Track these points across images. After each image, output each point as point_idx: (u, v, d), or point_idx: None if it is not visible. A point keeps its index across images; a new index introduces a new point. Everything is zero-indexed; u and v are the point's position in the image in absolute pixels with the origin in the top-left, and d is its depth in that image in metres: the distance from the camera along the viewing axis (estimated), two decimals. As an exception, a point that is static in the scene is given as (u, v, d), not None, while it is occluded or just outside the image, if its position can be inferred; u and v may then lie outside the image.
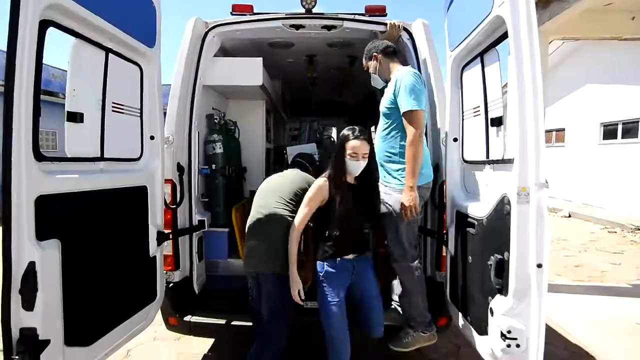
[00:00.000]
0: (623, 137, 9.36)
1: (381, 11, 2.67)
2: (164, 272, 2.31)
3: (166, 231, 2.30)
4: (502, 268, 1.54)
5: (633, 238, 7.06)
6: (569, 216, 9.30)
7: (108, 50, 1.80)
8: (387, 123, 2.30)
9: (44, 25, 1.39)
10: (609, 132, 9.80)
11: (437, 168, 2.47)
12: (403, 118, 2.14)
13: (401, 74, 2.20)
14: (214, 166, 2.95)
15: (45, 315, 1.40)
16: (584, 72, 10.30)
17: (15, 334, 1.34)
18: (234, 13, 2.68)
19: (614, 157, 9.46)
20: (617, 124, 9.47)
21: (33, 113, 1.36)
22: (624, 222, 7.79)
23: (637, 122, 8.87)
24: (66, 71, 1.68)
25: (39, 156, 1.42)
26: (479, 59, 1.90)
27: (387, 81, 2.37)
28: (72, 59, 1.63)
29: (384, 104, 2.30)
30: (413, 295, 2.25)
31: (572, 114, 10.86)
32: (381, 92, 2.45)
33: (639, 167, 8.61)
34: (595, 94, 10.01)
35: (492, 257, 1.62)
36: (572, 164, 10.76)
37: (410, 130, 2.08)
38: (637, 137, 8.91)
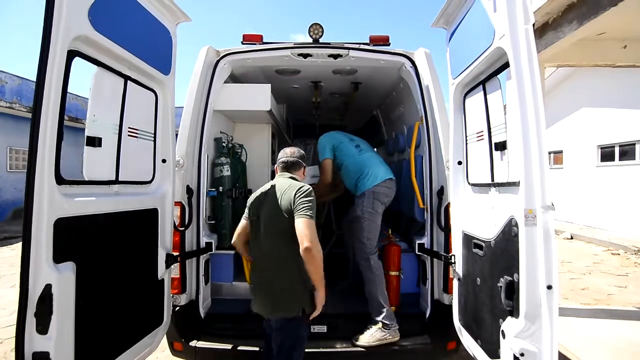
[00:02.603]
0: (620, 159, 9.48)
1: (385, 41, 2.79)
2: (171, 295, 2.31)
3: (174, 253, 2.31)
4: (513, 290, 1.55)
5: (637, 260, 7.01)
6: (571, 238, 9.27)
7: (127, 78, 1.88)
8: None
9: (71, 55, 1.48)
10: (607, 155, 9.92)
11: (441, 190, 2.52)
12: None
13: None
14: (221, 188, 2.99)
15: (58, 340, 1.40)
16: (579, 96, 10.55)
17: (28, 358, 1.33)
18: (244, 42, 2.81)
19: (612, 178, 9.53)
20: (614, 147, 9.62)
21: (57, 138, 1.42)
22: (627, 244, 7.76)
23: (634, 144, 9.01)
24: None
25: (59, 179, 1.46)
26: (481, 86, 1.98)
27: None
28: (93, 86, 1.71)
29: None
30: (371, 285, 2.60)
31: (569, 137, 11.04)
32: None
33: (637, 189, 8.67)
34: (591, 117, 10.22)
35: (501, 278, 1.63)
36: (571, 185, 10.82)
37: None
38: (634, 159, 9.03)
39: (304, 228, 1.86)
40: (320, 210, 4.24)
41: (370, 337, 2.43)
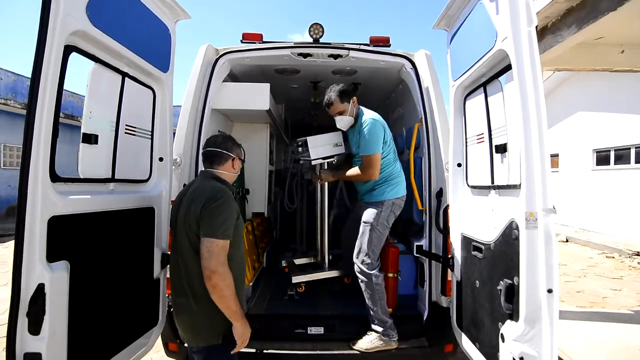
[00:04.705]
0: (615, 163, 9.56)
1: (385, 42, 2.78)
2: (167, 295, 2.28)
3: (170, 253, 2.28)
4: (513, 293, 1.55)
5: (631, 263, 7.06)
6: (567, 241, 9.32)
7: (125, 75, 1.85)
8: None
9: (67, 50, 1.45)
10: (602, 158, 10.00)
11: (440, 192, 2.51)
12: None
13: (367, 118, 2.60)
14: (218, 188, 2.96)
15: (51, 341, 1.37)
16: (575, 100, 10.62)
17: (19, 359, 1.30)
18: (244, 41, 2.79)
19: (607, 182, 9.61)
20: (610, 151, 9.69)
21: (52, 135, 1.39)
22: (622, 247, 7.81)
23: (629, 148, 9.09)
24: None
25: (54, 177, 1.43)
26: (481, 88, 1.98)
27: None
28: (90, 82, 1.68)
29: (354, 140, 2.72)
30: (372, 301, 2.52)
31: (565, 141, 11.11)
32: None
33: (632, 192, 8.75)
34: (587, 121, 10.30)
35: (501, 282, 1.62)
36: (567, 189, 10.89)
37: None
38: (629, 163, 9.10)
39: (204, 251, 1.59)
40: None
41: (369, 343, 2.41)
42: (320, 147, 2.84)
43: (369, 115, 2.63)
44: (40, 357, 1.33)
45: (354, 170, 2.68)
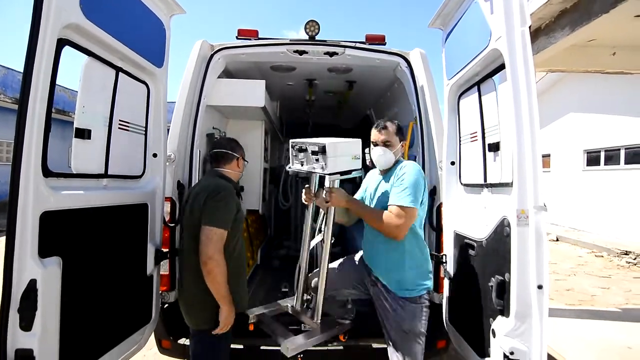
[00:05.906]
0: (606, 163, 9.71)
1: (381, 40, 2.79)
2: (160, 292, 2.27)
3: (164, 250, 2.27)
4: (504, 289, 1.57)
5: (619, 262, 7.19)
6: (557, 240, 9.45)
7: (118, 70, 1.84)
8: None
9: (60, 44, 1.43)
10: (592, 159, 10.17)
11: (434, 190, 2.53)
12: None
13: (411, 164, 1.99)
14: (212, 185, 2.95)
15: (43, 336, 1.36)
16: (567, 102, 10.77)
17: (10, 355, 1.29)
18: (239, 37, 2.78)
19: (597, 182, 9.77)
20: (600, 151, 9.85)
21: (44, 129, 1.37)
22: (610, 247, 7.95)
23: (619, 149, 9.24)
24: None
25: (46, 172, 1.42)
26: (475, 87, 2.00)
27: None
28: (83, 77, 1.66)
29: (384, 191, 2.02)
30: None
31: (556, 141, 11.26)
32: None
33: (622, 192, 8.90)
34: (578, 122, 10.45)
35: (492, 278, 1.65)
36: (558, 188, 11.04)
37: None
38: (619, 164, 9.26)
39: (203, 238, 1.80)
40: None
41: None
42: (340, 157, 1.93)
43: (411, 163, 2.02)
44: (31, 353, 1.32)
45: (378, 213, 1.92)
